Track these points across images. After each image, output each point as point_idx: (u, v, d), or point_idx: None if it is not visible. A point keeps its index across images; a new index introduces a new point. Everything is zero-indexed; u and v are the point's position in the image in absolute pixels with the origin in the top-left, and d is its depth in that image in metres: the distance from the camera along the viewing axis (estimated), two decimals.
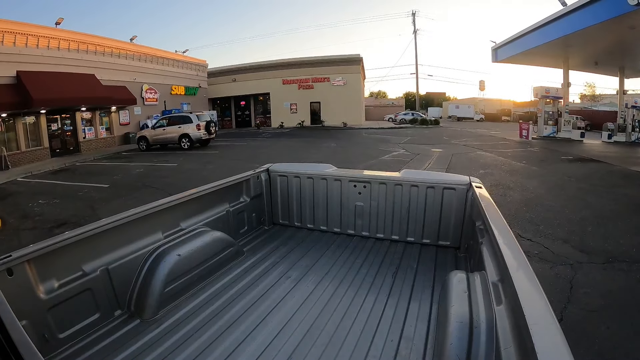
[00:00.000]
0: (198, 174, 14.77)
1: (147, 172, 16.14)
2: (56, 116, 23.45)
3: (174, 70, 35.90)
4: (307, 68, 41.03)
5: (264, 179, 5.36)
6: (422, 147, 20.67)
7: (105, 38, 27.80)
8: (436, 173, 5.10)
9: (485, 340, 1.98)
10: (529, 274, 1.84)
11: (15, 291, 2.36)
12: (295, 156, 18.54)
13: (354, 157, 17.61)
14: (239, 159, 17.88)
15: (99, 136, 26.63)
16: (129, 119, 29.45)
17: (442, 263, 4.06)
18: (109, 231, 3.09)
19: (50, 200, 11.74)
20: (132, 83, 29.42)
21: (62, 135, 24.11)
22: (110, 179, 14.99)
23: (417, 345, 2.63)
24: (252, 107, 45.07)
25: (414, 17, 55.44)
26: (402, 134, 30.81)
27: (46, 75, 21.50)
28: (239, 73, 43.60)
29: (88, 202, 11.10)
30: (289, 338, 2.76)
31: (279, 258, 4.29)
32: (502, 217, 2.83)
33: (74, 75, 23.72)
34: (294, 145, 23.81)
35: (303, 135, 30.09)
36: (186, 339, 2.80)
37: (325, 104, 40.73)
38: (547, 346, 1.24)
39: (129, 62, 30.01)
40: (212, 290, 3.54)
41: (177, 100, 35.42)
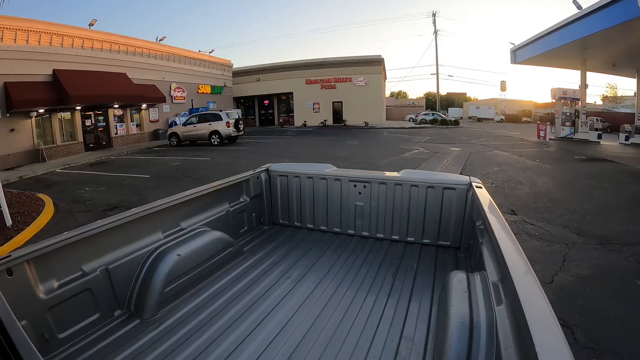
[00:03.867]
0: (231, 166, 15.62)
1: (183, 165, 17.02)
2: (90, 113, 24.56)
3: (201, 70, 37.07)
4: (329, 68, 41.59)
5: (264, 179, 5.42)
6: (441, 146, 21.18)
7: (135, 39, 29.08)
8: (436, 173, 5.07)
9: (486, 340, 2.01)
10: (529, 274, 1.87)
11: (15, 291, 2.40)
12: (320, 152, 19.42)
13: (376, 154, 18.19)
14: (268, 154, 18.67)
15: (129, 132, 27.77)
16: (158, 116, 30.55)
17: (442, 263, 4.10)
18: (108, 231, 3.13)
19: (95, 188, 12.59)
20: (161, 82, 30.68)
21: (96, 131, 25.28)
22: (150, 170, 15.94)
23: (417, 345, 2.67)
24: (275, 106, 45.90)
25: (434, 17, 55.34)
26: (422, 133, 31.31)
27: (81, 73, 22.69)
28: (263, 73, 44.43)
29: (134, 190, 11.97)
30: (289, 338, 2.79)
31: (279, 258, 4.33)
32: (502, 217, 2.85)
33: (106, 74, 24.97)
34: (319, 142, 24.62)
35: (326, 134, 30.80)
36: (186, 339, 2.83)
37: (347, 104, 41.34)
38: (547, 346, 1.27)
39: (158, 61, 31.21)
40: (212, 290, 3.58)
41: (203, 99, 36.72)
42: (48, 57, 20.91)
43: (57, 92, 21.05)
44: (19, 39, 19.73)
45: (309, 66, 42.58)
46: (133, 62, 28.36)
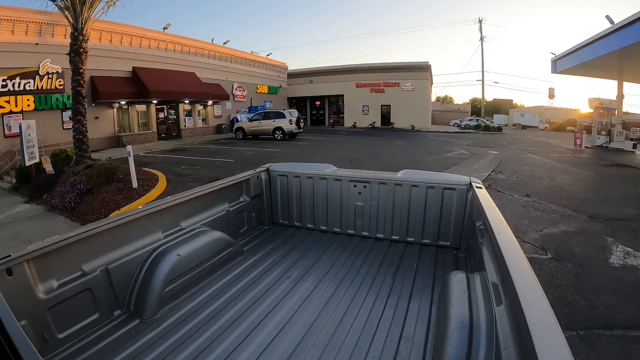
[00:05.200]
0: (298, 156, 18.35)
1: (257, 154, 19.45)
2: (163, 106, 27.75)
3: (259, 71, 40.24)
4: (378, 73, 43.30)
5: (264, 179, 5.40)
6: (480, 149, 22.72)
7: (203, 42, 32.31)
8: (436, 173, 5.08)
9: (485, 340, 2.02)
10: (529, 274, 1.86)
11: (14, 291, 2.39)
12: (372, 149, 21.53)
13: (422, 153, 20.13)
14: (327, 148, 21.18)
15: (196, 125, 30.99)
16: (222, 112, 33.68)
17: (442, 263, 4.11)
18: (108, 231, 3.12)
19: (191, 167, 15.05)
20: (224, 82, 33.87)
21: (167, 123, 28.57)
22: (231, 156, 18.67)
23: (417, 345, 2.67)
24: (326, 107, 47.83)
25: (480, 24, 56.01)
26: (464, 137, 32.82)
27: (157, 71, 25.73)
28: (315, 75, 46.69)
29: (225, 169, 14.30)
30: (289, 338, 2.78)
31: (279, 258, 4.31)
32: (502, 218, 2.86)
33: (178, 73, 28.07)
34: (370, 141, 26.58)
35: (375, 135, 32.69)
36: (186, 339, 2.82)
37: (395, 107, 42.91)
38: (547, 346, 1.27)
39: (222, 63, 34.42)
40: (212, 290, 3.56)
41: (261, 98, 39.79)
42: (128, 56, 23.91)
43: (137, 87, 24.05)
44: (103, 38, 22.76)
45: (359, 70, 44.32)
46: (201, 62, 31.58)
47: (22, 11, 19.53)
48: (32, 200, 12.12)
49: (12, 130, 19.05)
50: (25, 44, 19.70)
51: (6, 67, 18.78)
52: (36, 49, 20.10)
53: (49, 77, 20.70)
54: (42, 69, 20.34)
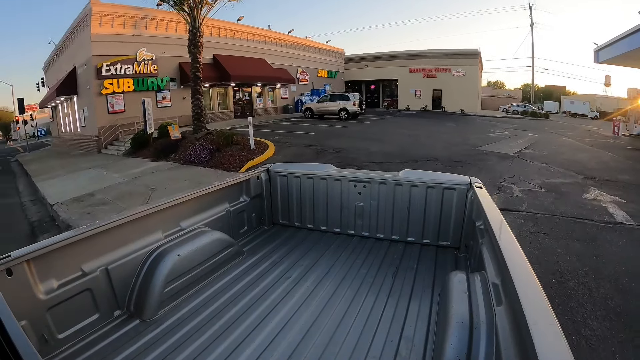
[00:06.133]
0: (367, 131, 21.59)
1: (329, 129, 22.81)
2: (238, 89, 31.64)
3: (320, 57, 43.44)
4: (430, 59, 45.03)
5: (264, 179, 5.35)
6: (521, 132, 24.51)
7: (272, 31, 35.98)
8: (436, 173, 5.08)
9: (486, 340, 2.02)
10: (529, 274, 1.85)
11: (14, 291, 2.38)
12: (426, 128, 24.48)
13: (468, 133, 22.54)
14: (387, 126, 25.09)
15: (266, 106, 34.87)
16: (287, 94, 37.34)
17: (442, 263, 4.09)
18: (108, 231, 3.11)
19: (282, 137, 18.40)
20: (290, 67, 37.08)
21: (242, 103, 32.36)
22: (309, 130, 21.93)
23: (417, 345, 2.66)
24: (380, 91, 50.79)
25: (530, 9, 55.79)
26: (510, 122, 34.45)
27: (234, 58, 29.32)
28: (370, 61, 48.85)
29: (312, 139, 17.75)
30: (289, 338, 2.77)
31: (279, 258, 4.29)
32: (502, 217, 2.85)
33: (251, 59, 31.70)
34: (423, 122, 29.54)
35: (427, 117, 35.09)
36: (186, 339, 2.81)
37: (445, 92, 44.59)
38: (547, 346, 1.27)
39: (288, 49, 37.79)
40: (212, 290, 3.56)
41: (321, 82, 43.33)
42: (209, 45, 26.46)
43: (218, 72, 27.71)
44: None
45: (412, 56, 46.15)
46: (270, 50, 35.15)
47: (119, 7, 23.36)
48: (158, 159, 15.72)
49: (115, 107, 23.19)
50: (123, 35, 23.48)
51: (109, 54, 22.62)
52: (133, 39, 23.91)
53: (144, 63, 24.52)
54: (139, 56, 24.15)
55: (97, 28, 22.22)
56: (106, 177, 13.94)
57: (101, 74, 22.45)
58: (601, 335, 4.07)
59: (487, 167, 12.65)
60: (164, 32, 25.90)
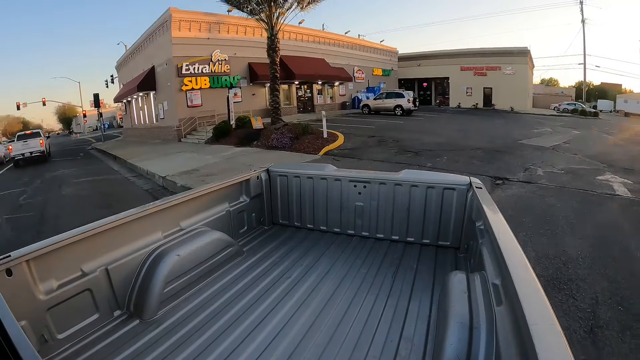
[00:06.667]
0: (420, 126, 24.04)
1: (387, 124, 25.14)
2: (300, 86, 34.55)
3: (374, 56, 46.19)
4: (481, 57, 46.16)
5: (264, 179, 5.35)
6: (565, 129, 25.33)
7: (330, 33, 38.87)
8: (436, 173, 5.08)
9: (485, 340, 2.03)
10: (529, 274, 1.85)
11: (14, 291, 2.39)
12: (475, 125, 26.15)
13: (513, 129, 23.79)
14: (439, 122, 27.09)
15: (325, 102, 37.73)
16: (345, 92, 40.04)
17: (442, 263, 4.08)
18: (108, 231, 3.12)
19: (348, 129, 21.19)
20: (347, 66, 39.78)
21: (304, 99, 35.46)
22: (369, 125, 24.37)
23: (416, 345, 2.66)
24: (433, 89, 52.13)
25: (581, 5, 54.14)
26: (558, 119, 35.15)
27: (297, 58, 32.11)
28: (422, 59, 50.61)
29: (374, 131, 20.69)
30: (289, 338, 2.77)
31: (279, 258, 4.28)
32: (502, 217, 2.82)
33: (312, 59, 34.72)
34: (473, 119, 31.10)
35: (478, 114, 36.37)
36: (186, 339, 2.81)
37: (496, 90, 45.48)
38: (547, 346, 1.28)
39: (344, 50, 40.50)
40: (212, 290, 3.56)
41: (376, 80, 45.55)
42: None
43: (284, 71, 29.85)
44: (256, 33, 29.06)
45: (463, 55, 47.55)
46: (329, 50, 38.03)
47: (195, 13, 26.73)
48: (242, 145, 18.58)
49: (193, 102, 26.68)
50: (199, 38, 26.84)
51: (188, 55, 26.04)
52: (207, 42, 27.28)
53: (219, 63, 27.86)
54: (214, 57, 27.50)
55: (176, 32, 25.61)
56: (200, 158, 16.61)
57: (181, 73, 25.83)
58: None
59: (521, 155, 14.34)
60: (235, 35, 29.11)
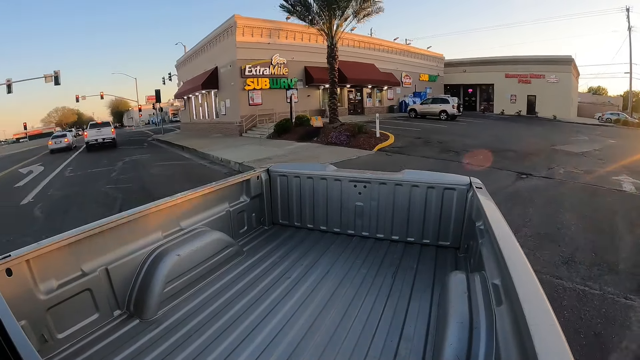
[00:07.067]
0: (463, 130, 25.55)
1: (433, 127, 27.21)
2: (351, 89, 37.21)
3: (421, 62, 48.41)
4: (525, 65, 46.58)
5: (264, 179, 5.35)
6: (602, 139, 24.98)
7: (379, 39, 41.53)
8: (436, 173, 4.84)
9: (485, 340, 2.03)
10: (529, 274, 1.85)
11: (14, 291, 2.41)
12: (514, 131, 27.24)
13: (550, 136, 24.48)
14: (480, 127, 28.60)
15: (374, 105, 40.38)
16: (393, 96, 42.61)
17: (442, 263, 4.09)
18: (108, 231, 3.13)
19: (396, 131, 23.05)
20: (395, 71, 42.78)
21: (354, 102, 38.03)
22: (416, 127, 26.64)
23: (416, 345, 2.68)
24: (478, 95, 52.54)
25: (628, 12, 52.94)
26: (597, 129, 34.87)
27: (349, 63, 34.21)
28: (468, 65, 51.75)
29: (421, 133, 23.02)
30: (289, 338, 2.78)
31: (279, 258, 4.29)
32: (503, 218, 2.82)
33: (362, 64, 37.36)
34: (513, 125, 32.05)
35: (519, 121, 37.03)
36: (186, 339, 2.82)
37: (539, 98, 45.83)
38: (547, 347, 1.29)
39: (393, 55, 43.15)
40: (212, 290, 3.57)
41: (423, 85, 47.83)
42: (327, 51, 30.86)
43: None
44: (311, 39, 31.69)
45: (507, 62, 48.06)
46: (378, 55, 40.58)
47: (256, 20, 29.70)
48: (302, 141, 21.07)
49: (254, 101, 29.60)
50: (260, 43, 29.79)
51: (250, 58, 29.02)
52: (268, 46, 30.12)
53: (278, 66, 30.70)
54: (274, 60, 30.35)
55: (240, 37, 28.58)
56: (267, 150, 18.84)
57: (244, 74, 28.78)
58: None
59: (550, 158, 15.53)
60: (292, 41, 31.75)
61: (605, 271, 5.67)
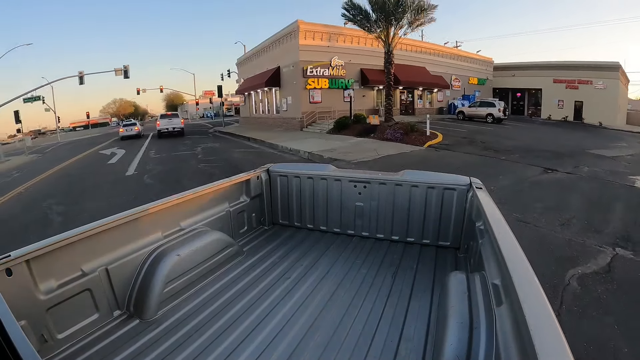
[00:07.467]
0: (506, 133, 27.15)
1: (477, 129, 28.83)
2: (403, 91, 39.71)
3: (470, 66, 50.05)
4: (572, 70, 45.88)
5: (264, 179, 5.36)
6: None
7: (430, 43, 43.89)
8: (436, 174, 4.81)
9: (485, 340, 2.04)
10: (529, 274, 1.86)
11: (14, 291, 2.41)
12: (555, 135, 27.81)
13: (590, 141, 24.82)
14: (523, 131, 29.83)
15: (424, 106, 42.68)
16: (442, 98, 44.90)
17: (442, 263, 4.12)
18: (108, 231, 3.14)
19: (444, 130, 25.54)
20: (445, 74, 44.85)
21: (405, 103, 40.47)
22: (463, 129, 28.28)
23: (416, 345, 2.69)
24: (526, 99, 52.19)
25: None
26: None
27: (401, 66, 35.66)
28: (517, 70, 51.63)
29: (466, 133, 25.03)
30: (289, 338, 2.79)
31: (279, 258, 4.31)
32: (503, 218, 2.82)
33: (414, 67, 39.92)
34: (557, 130, 32.56)
35: (564, 127, 37.17)
36: (186, 339, 2.83)
37: (587, 104, 45.09)
38: (547, 347, 1.30)
39: (443, 59, 45.49)
40: (212, 290, 3.58)
41: (472, 88, 49.10)
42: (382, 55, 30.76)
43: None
44: (367, 43, 34.33)
45: (555, 67, 47.53)
46: (429, 59, 43.10)
47: (317, 25, 32.66)
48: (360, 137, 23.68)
49: (314, 99, 32.73)
50: (321, 46, 32.82)
51: (310, 60, 32.18)
52: (327, 49, 33.15)
53: (336, 67, 33.60)
54: (332, 62, 33.32)
55: (302, 40, 31.72)
56: (330, 143, 21.35)
57: (306, 74, 31.91)
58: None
59: (579, 158, 16.60)
60: (350, 44, 34.50)
61: (591, 232, 7.67)
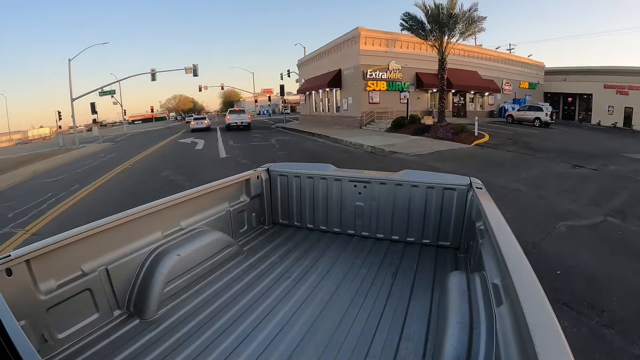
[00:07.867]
0: (550, 136, 28.47)
1: (524, 132, 30.43)
2: (455, 94, 41.71)
3: (521, 70, 50.32)
4: (623, 76, 44.36)
5: (264, 179, 5.36)
6: None
7: (482, 48, 45.69)
8: (437, 174, 4.88)
9: (485, 340, 2.04)
10: (529, 274, 1.88)
11: (14, 291, 2.41)
12: (596, 140, 27.69)
13: (629, 146, 24.43)
14: (567, 135, 30.77)
15: (475, 109, 44.44)
16: (493, 102, 46.94)
17: (442, 263, 4.12)
18: (108, 231, 3.13)
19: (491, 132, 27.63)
20: (496, 78, 45.63)
21: (457, 106, 42.55)
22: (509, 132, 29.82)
23: (416, 345, 2.70)
24: (577, 104, 51.09)
25: None
26: None
27: (454, 70, 37.54)
28: (568, 74, 51.07)
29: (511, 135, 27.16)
30: (289, 338, 2.79)
31: (279, 258, 4.31)
32: (503, 218, 2.84)
33: (466, 71, 41.31)
34: (601, 136, 32.36)
35: (610, 133, 36.37)
36: (186, 339, 2.83)
37: (637, 110, 42.89)
38: (547, 346, 1.31)
39: (494, 63, 46.47)
40: (212, 290, 3.58)
41: (522, 92, 49.75)
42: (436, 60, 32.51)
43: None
44: (422, 49, 36.39)
45: (606, 72, 46.33)
46: (481, 63, 44.41)
47: (376, 32, 35.54)
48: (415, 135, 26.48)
49: (373, 100, 35.79)
50: (379, 51, 35.81)
51: (370, 64, 35.15)
52: (385, 54, 36.12)
53: (394, 71, 36.48)
54: (390, 66, 36.23)
55: (363, 46, 34.80)
56: (389, 140, 23.89)
57: (366, 77, 34.97)
58: None
59: (611, 159, 17.23)
60: (406, 50, 37.20)
61: (593, 206, 9.36)
